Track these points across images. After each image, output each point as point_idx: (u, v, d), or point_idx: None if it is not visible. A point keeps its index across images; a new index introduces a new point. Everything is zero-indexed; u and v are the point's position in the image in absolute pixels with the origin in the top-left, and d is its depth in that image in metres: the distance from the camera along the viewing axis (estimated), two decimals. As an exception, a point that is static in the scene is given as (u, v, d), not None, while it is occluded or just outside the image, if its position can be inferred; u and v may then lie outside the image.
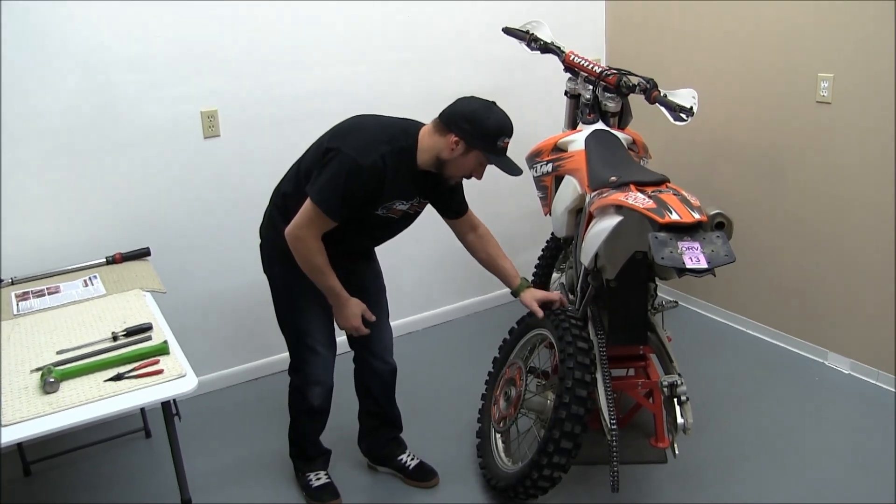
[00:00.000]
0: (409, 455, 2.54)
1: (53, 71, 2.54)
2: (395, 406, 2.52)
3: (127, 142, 2.72)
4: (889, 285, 2.81)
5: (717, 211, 1.95)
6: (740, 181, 3.27)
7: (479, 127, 1.98)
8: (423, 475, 2.48)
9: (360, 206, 2.01)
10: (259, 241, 2.30)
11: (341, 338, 2.38)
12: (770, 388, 2.96)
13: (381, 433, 2.53)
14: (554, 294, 2.37)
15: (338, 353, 2.40)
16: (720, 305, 3.53)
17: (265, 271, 2.29)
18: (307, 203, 1.99)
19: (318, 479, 2.44)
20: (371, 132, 2.02)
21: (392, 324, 2.50)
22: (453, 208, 2.29)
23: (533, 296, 2.35)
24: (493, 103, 2.03)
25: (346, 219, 2.02)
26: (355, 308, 2.16)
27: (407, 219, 2.18)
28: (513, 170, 2.05)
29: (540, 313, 2.32)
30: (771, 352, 3.23)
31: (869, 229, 2.83)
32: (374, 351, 2.40)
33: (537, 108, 3.54)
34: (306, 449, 2.45)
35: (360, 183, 1.96)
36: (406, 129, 2.06)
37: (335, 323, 2.26)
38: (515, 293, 2.38)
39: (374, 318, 2.22)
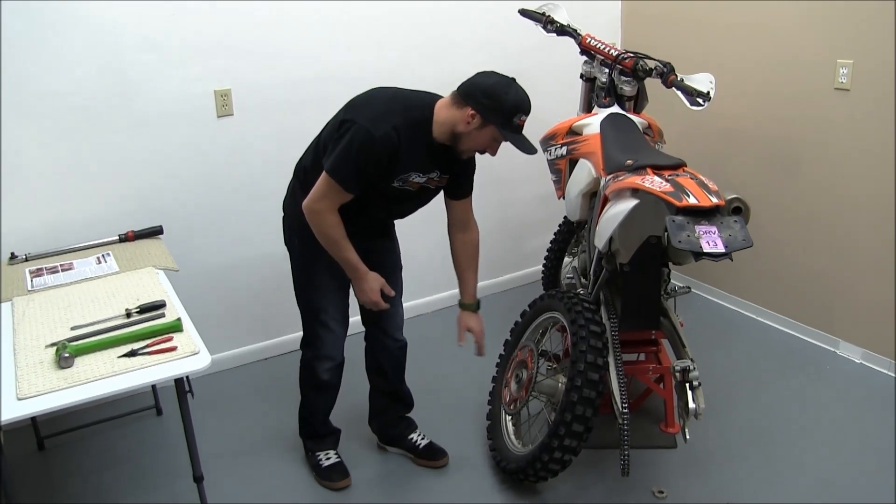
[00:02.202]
0: (419, 434, 2.55)
1: (68, 50, 2.54)
2: (406, 384, 2.54)
3: (141, 120, 2.72)
4: (904, 274, 2.79)
5: (735, 195, 1.93)
6: (755, 168, 3.24)
7: (496, 102, 1.96)
8: (432, 455, 2.50)
9: (374, 177, 2.01)
10: (282, 214, 2.30)
11: (354, 317, 2.38)
12: (781, 376, 2.95)
13: (392, 411, 2.54)
14: (480, 336, 2.35)
15: (351, 333, 2.40)
16: (732, 293, 3.51)
17: (286, 244, 2.30)
18: (323, 176, 2.00)
19: (328, 458, 2.46)
20: (385, 104, 2.02)
21: (404, 304, 2.50)
22: (460, 188, 2.25)
23: (468, 320, 2.33)
24: (513, 80, 2.01)
25: (362, 191, 2.02)
26: (374, 282, 2.16)
27: (426, 193, 2.16)
28: (527, 148, 2.03)
29: (462, 339, 2.33)
30: (782, 340, 3.22)
31: (884, 218, 2.80)
32: (385, 328, 2.41)
33: (552, 91, 3.50)
34: (316, 427, 2.47)
35: (374, 154, 1.95)
36: (422, 101, 2.04)
37: (352, 298, 2.27)
38: (461, 305, 2.36)
39: (393, 293, 2.22)
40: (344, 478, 2.41)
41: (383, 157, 1.97)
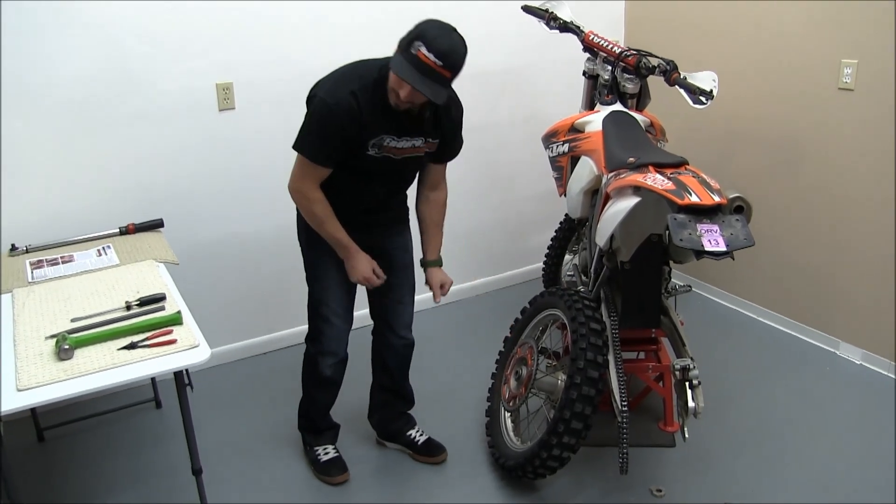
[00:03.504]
0: (418, 431, 2.55)
1: (71, 42, 2.53)
2: (409, 382, 2.53)
3: (143, 113, 2.71)
4: (905, 275, 2.79)
5: (737, 194, 1.93)
6: (757, 167, 3.24)
7: (408, 34, 1.87)
8: (431, 450, 2.50)
9: (344, 147, 2.00)
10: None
11: (363, 311, 2.38)
12: (781, 376, 2.95)
13: (392, 407, 2.54)
14: (448, 287, 2.32)
15: (357, 327, 2.39)
16: (733, 292, 3.51)
17: (298, 238, 2.32)
18: (296, 155, 2.02)
19: (327, 453, 2.46)
20: (344, 73, 2.01)
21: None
22: (442, 154, 2.20)
23: (439, 276, 2.31)
24: (451, 28, 1.90)
25: (335, 162, 2.02)
26: (364, 262, 2.15)
27: (414, 161, 2.12)
28: (415, 81, 1.82)
29: (437, 297, 2.30)
30: (782, 340, 3.22)
31: (886, 219, 2.80)
32: (393, 325, 2.40)
33: (554, 89, 3.50)
34: (316, 421, 2.47)
35: (334, 123, 1.95)
36: (377, 63, 2.00)
37: (360, 294, 2.27)
38: (424, 264, 2.33)
39: (384, 276, 2.20)
40: (342, 472, 2.41)
41: (345, 123, 1.95)
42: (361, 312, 2.45)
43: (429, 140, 2.10)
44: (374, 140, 2.01)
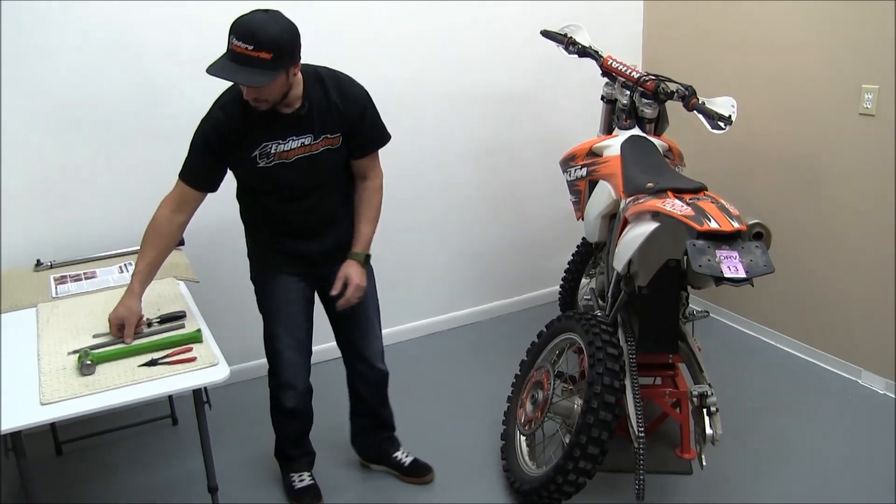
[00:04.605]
0: (403, 452, 2.53)
1: (94, 59, 2.60)
2: (388, 407, 2.48)
3: (165, 131, 2.76)
4: (928, 304, 2.75)
5: (756, 220, 1.92)
6: (776, 193, 3.22)
7: None
8: (418, 471, 2.48)
9: (219, 164, 2.01)
10: None
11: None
12: (801, 404, 2.91)
13: (374, 434, 2.51)
14: (352, 288, 2.11)
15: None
16: (751, 318, 3.48)
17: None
18: None
19: (302, 480, 2.42)
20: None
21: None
22: (355, 150, 2.10)
23: (348, 268, 2.12)
24: (262, 10, 1.84)
25: (203, 181, 2.02)
26: (119, 309, 1.95)
27: (312, 162, 2.01)
28: (230, 72, 1.77)
29: (338, 288, 2.11)
30: (802, 368, 3.18)
31: (909, 246, 2.77)
32: (363, 357, 2.35)
33: (573, 113, 3.52)
34: (287, 449, 2.43)
35: (203, 139, 1.97)
36: None
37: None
38: (349, 255, 2.17)
39: (130, 338, 1.93)
40: (316, 501, 2.37)
41: (212, 140, 1.96)
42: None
43: (326, 136, 2.01)
44: (258, 150, 1.97)
